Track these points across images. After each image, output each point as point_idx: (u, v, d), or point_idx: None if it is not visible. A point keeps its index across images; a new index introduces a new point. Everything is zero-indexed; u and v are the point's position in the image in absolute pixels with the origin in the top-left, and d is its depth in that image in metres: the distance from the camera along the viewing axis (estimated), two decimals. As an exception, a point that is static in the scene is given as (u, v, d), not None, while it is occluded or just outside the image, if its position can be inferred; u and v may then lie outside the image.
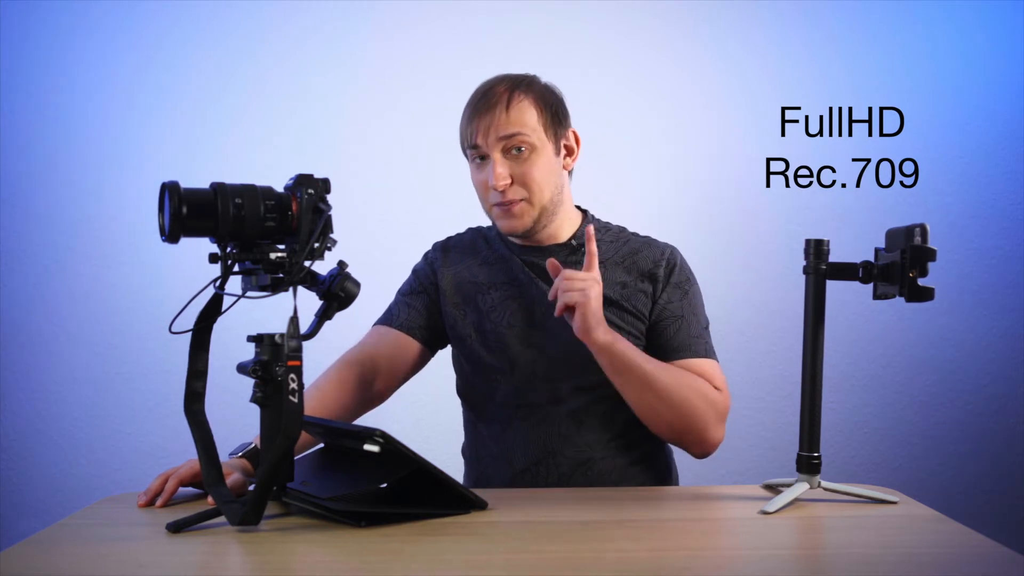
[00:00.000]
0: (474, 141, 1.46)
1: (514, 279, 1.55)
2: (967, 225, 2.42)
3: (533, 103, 1.48)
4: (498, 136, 1.44)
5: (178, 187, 1.05)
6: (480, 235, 1.64)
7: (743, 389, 2.43)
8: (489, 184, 1.46)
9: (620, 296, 1.51)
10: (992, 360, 2.43)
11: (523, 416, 1.51)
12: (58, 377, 2.36)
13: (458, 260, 1.60)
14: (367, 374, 1.51)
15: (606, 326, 1.37)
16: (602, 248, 1.54)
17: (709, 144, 2.43)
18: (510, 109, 1.45)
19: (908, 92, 2.41)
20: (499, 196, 1.46)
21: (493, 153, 1.45)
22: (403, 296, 1.61)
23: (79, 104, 2.35)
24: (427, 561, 1.03)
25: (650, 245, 1.57)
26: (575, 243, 1.54)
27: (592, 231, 1.40)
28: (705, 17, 2.42)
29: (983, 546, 1.07)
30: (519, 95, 1.47)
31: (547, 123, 1.49)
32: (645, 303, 1.52)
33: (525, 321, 1.52)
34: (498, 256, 1.58)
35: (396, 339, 1.56)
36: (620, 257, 1.55)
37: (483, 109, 1.46)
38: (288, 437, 1.09)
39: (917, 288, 1.21)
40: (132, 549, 1.06)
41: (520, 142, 1.45)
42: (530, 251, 1.55)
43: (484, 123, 1.45)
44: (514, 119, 1.45)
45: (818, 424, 1.28)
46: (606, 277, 1.51)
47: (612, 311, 1.50)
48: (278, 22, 2.38)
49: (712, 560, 1.07)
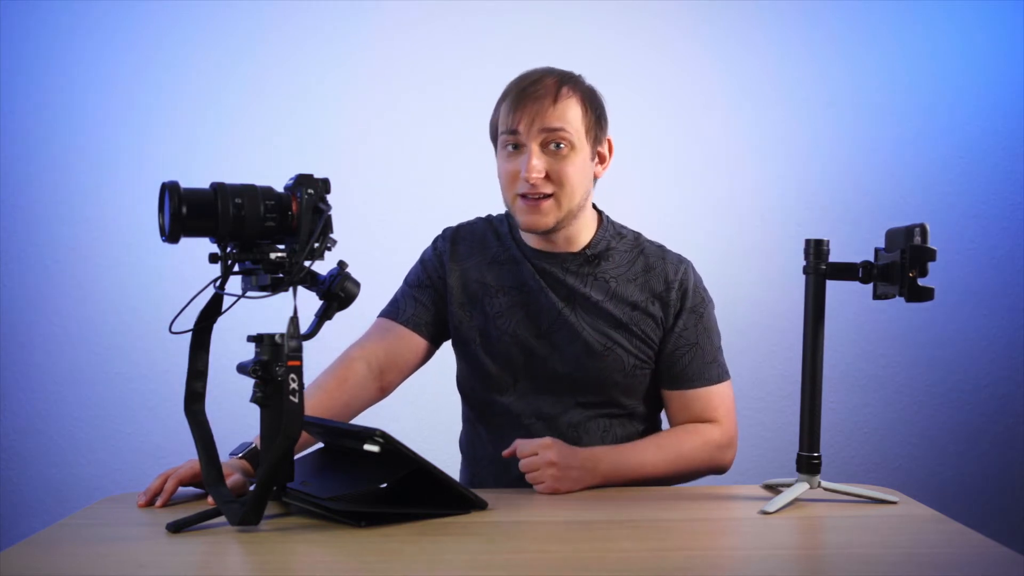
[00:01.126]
0: (515, 127, 1.41)
1: (523, 285, 1.51)
2: (967, 225, 2.42)
3: (579, 101, 1.44)
4: (541, 127, 1.40)
5: (178, 187, 1.05)
6: (491, 227, 1.58)
7: (743, 389, 2.42)
8: (521, 174, 1.41)
9: (629, 319, 1.48)
10: (992, 360, 2.43)
11: (523, 425, 1.49)
12: (58, 377, 2.36)
13: (467, 255, 1.56)
14: (371, 371, 1.50)
15: (582, 469, 1.36)
16: (614, 260, 1.51)
17: (709, 144, 2.43)
18: (558, 102, 1.41)
19: (908, 92, 2.41)
20: (527, 187, 1.41)
21: (532, 143, 1.40)
22: (410, 288, 1.58)
23: (79, 104, 2.35)
24: (427, 561, 1.03)
25: (664, 260, 1.52)
26: (589, 253, 1.50)
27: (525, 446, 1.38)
28: (705, 17, 2.42)
29: (983, 546, 1.07)
30: (568, 90, 1.43)
31: (589, 125, 1.45)
32: (655, 329, 1.49)
33: (531, 331, 1.50)
34: (509, 257, 1.54)
35: (401, 335, 1.53)
36: (633, 274, 1.51)
37: (530, 97, 1.41)
38: (288, 437, 1.09)
39: (917, 288, 1.21)
40: (132, 549, 1.06)
41: (561, 138, 1.41)
42: (543, 257, 1.51)
43: (530, 111, 1.40)
44: (560, 114, 1.41)
45: (818, 424, 1.28)
46: (617, 294, 1.49)
47: (621, 333, 1.48)
48: (278, 22, 2.38)
49: (712, 560, 1.07)
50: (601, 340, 1.47)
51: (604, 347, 1.47)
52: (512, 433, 1.47)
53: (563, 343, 1.47)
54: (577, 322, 1.47)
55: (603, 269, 1.50)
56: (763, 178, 2.42)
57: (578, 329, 1.47)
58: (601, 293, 1.49)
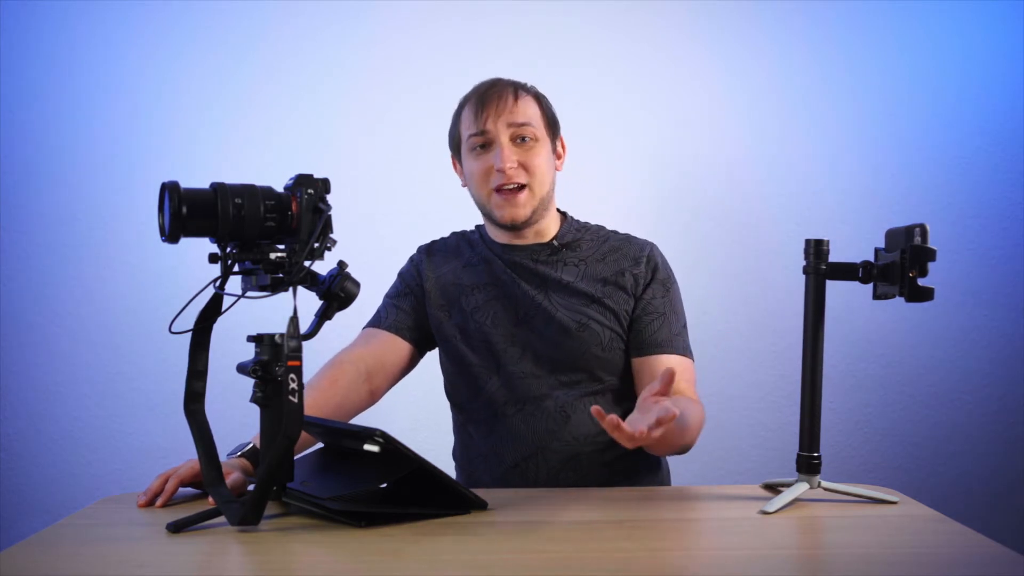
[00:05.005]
0: (483, 127, 1.51)
1: (497, 280, 1.58)
2: (967, 225, 2.42)
3: (534, 101, 1.57)
4: (508, 122, 1.51)
5: (178, 187, 1.05)
6: (464, 239, 1.68)
7: (743, 389, 2.43)
8: (495, 167, 1.50)
9: (602, 293, 1.56)
10: (992, 360, 2.43)
11: (511, 413, 1.53)
12: (58, 377, 2.36)
13: (442, 263, 1.64)
14: (358, 374, 1.53)
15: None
16: (583, 246, 1.60)
17: (709, 144, 2.42)
18: (519, 100, 1.54)
19: (908, 92, 2.41)
20: (502, 179, 1.51)
21: (502, 138, 1.51)
22: (390, 299, 1.64)
23: (79, 104, 2.35)
24: (427, 561, 1.03)
25: (630, 242, 1.62)
26: (556, 243, 1.59)
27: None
28: (705, 17, 2.42)
29: (983, 546, 1.07)
30: (522, 92, 1.56)
31: (547, 122, 1.58)
32: (626, 300, 1.56)
33: (509, 320, 1.55)
34: (481, 258, 1.61)
35: (385, 340, 1.58)
36: (601, 254, 1.60)
37: (493, 97, 1.53)
38: (288, 437, 1.09)
39: (917, 288, 1.21)
40: (132, 549, 1.07)
41: (527, 132, 1.52)
42: (513, 250, 1.59)
43: (494, 110, 1.51)
44: (523, 110, 1.53)
45: (818, 424, 1.28)
46: (588, 273, 1.57)
47: (595, 309, 1.54)
48: (278, 22, 2.38)
49: (712, 560, 1.07)
50: (576, 318, 1.53)
51: (579, 324, 1.53)
52: (502, 422, 1.53)
53: (540, 326, 1.54)
54: (551, 305, 1.54)
55: (572, 255, 1.59)
56: (763, 178, 2.42)
57: (552, 311, 1.54)
58: (572, 275, 1.57)
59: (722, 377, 2.40)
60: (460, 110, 1.59)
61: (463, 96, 1.60)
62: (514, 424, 1.52)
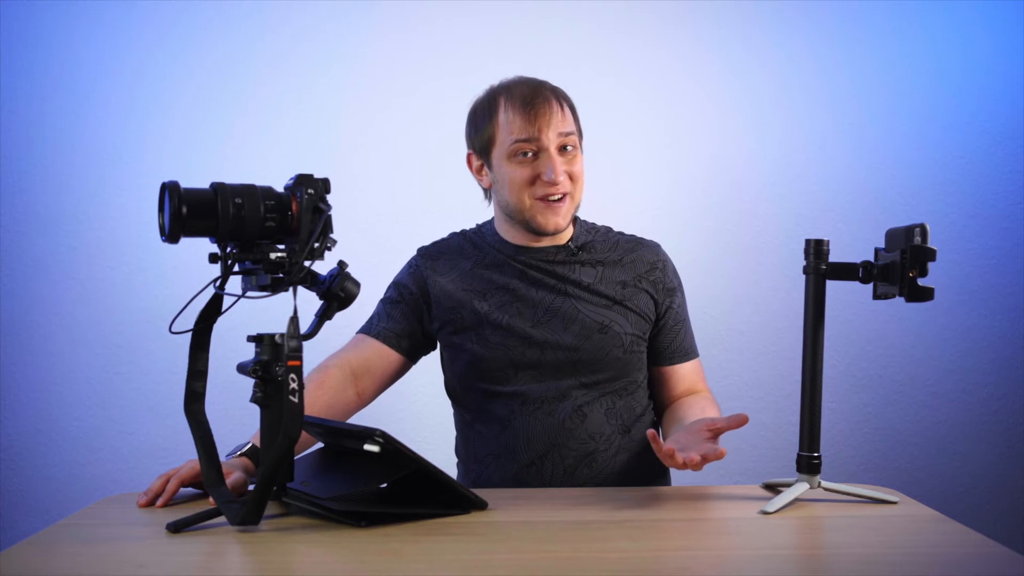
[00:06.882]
0: (536, 135, 1.48)
1: (511, 282, 1.56)
2: (967, 225, 2.42)
3: (571, 108, 1.55)
4: (558, 131, 1.50)
5: (178, 187, 1.05)
6: (465, 239, 1.64)
7: (743, 389, 2.43)
8: (544, 177, 1.48)
9: (623, 296, 1.56)
10: (992, 360, 2.43)
11: (528, 412, 1.52)
12: (58, 377, 2.36)
13: (447, 267, 1.60)
14: (344, 377, 1.53)
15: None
16: (596, 247, 1.60)
17: (709, 144, 2.42)
18: (563, 110, 1.52)
19: (909, 92, 2.41)
20: (549, 189, 1.49)
21: (552, 148, 1.49)
22: (383, 305, 1.62)
23: (79, 104, 2.35)
24: (427, 561, 1.03)
25: (641, 244, 1.63)
26: (573, 246, 1.58)
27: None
28: (705, 17, 2.42)
29: (983, 546, 1.07)
30: (562, 100, 1.54)
31: (579, 129, 1.57)
32: (648, 304, 1.58)
33: (527, 323, 1.53)
34: (491, 261, 1.58)
35: (373, 347, 1.57)
36: (615, 257, 1.60)
37: (541, 105, 1.50)
38: (288, 437, 1.09)
39: (917, 288, 1.21)
40: (132, 549, 1.06)
41: (571, 141, 1.52)
42: (528, 252, 1.57)
43: (544, 118, 1.49)
44: (568, 119, 1.53)
45: (818, 424, 1.28)
46: (606, 277, 1.57)
47: (616, 311, 1.55)
48: (278, 22, 2.38)
49: (712, 560, 1.07)
50: (598, 319, 1.53)
51: (602, 325, 1.53)
52: (517, 422, 1.52)
53: (560, 328, 1.53)
54: (571, 306, 1.54)
55: (587, 257, 1.58)
56: (763, 178, 2.42)
57: (573, 313, 1.53)
58: (591, 277, 1.57)
59: (722, 377, 2.40)
60: (494, 110, 1.52)
61: (489, 93, 1.55)
62: (530, 423, 1.51)
